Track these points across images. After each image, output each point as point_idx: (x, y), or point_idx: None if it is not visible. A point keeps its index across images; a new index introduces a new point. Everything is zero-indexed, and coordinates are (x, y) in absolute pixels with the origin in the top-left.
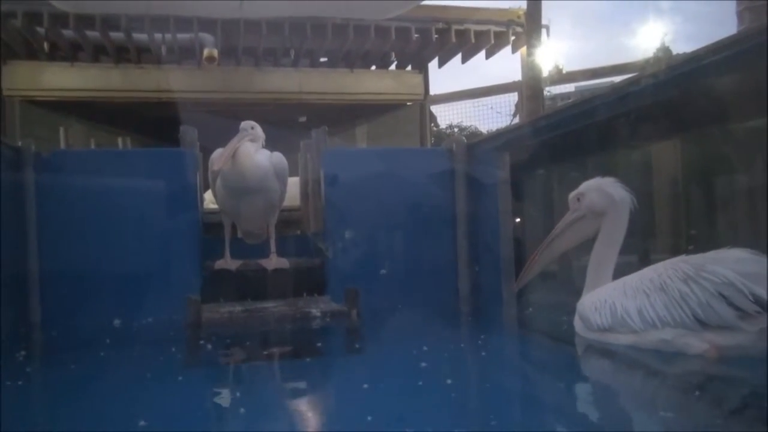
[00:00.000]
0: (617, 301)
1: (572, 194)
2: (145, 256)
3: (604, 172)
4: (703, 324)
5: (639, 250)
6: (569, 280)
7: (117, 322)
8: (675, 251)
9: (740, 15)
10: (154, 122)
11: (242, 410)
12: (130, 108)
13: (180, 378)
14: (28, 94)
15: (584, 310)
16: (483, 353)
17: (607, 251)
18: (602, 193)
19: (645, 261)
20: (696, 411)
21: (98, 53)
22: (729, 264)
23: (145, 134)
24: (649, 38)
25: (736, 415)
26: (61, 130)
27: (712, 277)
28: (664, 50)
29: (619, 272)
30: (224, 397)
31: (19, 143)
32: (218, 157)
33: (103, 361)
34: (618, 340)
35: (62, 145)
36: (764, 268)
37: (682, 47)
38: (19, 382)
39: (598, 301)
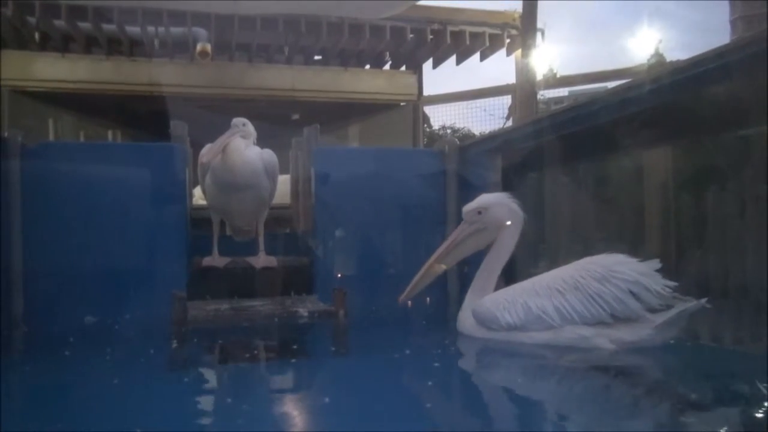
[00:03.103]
0: (530, 300)
1: (470, 207)
2: (132, 251)
3: (596, 177)
4: (615, 318)
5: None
6: None
7: (101, 317)
8: (664, 257)
9: (733, 24)
10: (145, 116)
11: (220, 411)
12: (121, 101)
13: (159, 377)
14: (18, 84)
15: (487, 311)
16: (465, 355)
17: (499, 260)
18: (507, 208)
19: None
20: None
21: (90, 45)
22: (630, 266)
23: (136, 128)
24: (643, 45)
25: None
26: (51, 121)
27: (623, 276)
28: (658, 57)
29: None
30: (204, 398)
31: (5, 133)
32: (207, 151)
33: (83, 356)
34: (532, 338)
35: (51, 136)
36: (651, 269)
37: (676, 54)
38: None
39: (505, 300)
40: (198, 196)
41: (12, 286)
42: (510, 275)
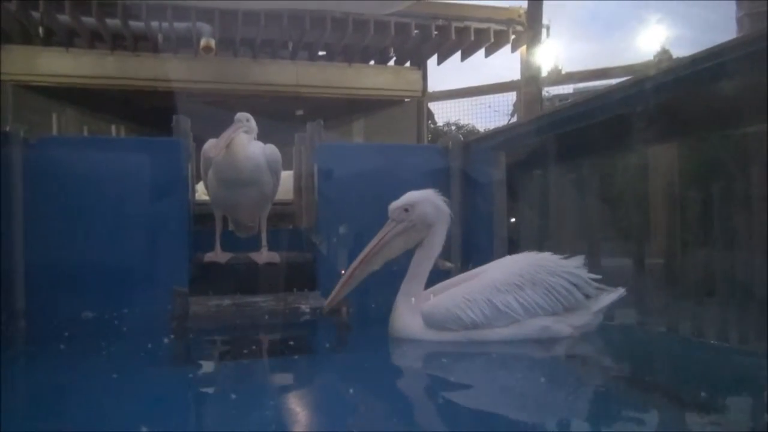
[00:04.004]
0: (493, 297)
1: (396, 205)
2: (134, 246)
3: (600, 174)
4: (564, 308)
5: (633, 254)
6: None
7: (103, 312)
8: (669, 254)
9: (740, 21)
10: (149, 111)
11: (217, 407)
12: (125, 96)
13: (158, 373)
14: (22, 78)
15: (446, 311)
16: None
17: (428, 259)
18: (435, 205)
19: (640, 264)
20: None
21: (94, 40)
22: (564, 261)
23: (140, 123)
24: (649, 41)
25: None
26: (54, 116)
27: (569, 270)
28: (665, 53)
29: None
30: (201, 394)
31: (8, 128)
32: (212, 146)
33: (85, 351)
34: (498, 334)
35: (55, 131)
36: (581, 264)
37: (682, 51)
38: None
39: (465, 299)
40: (201, 192)
41: (13, 280)
42: None
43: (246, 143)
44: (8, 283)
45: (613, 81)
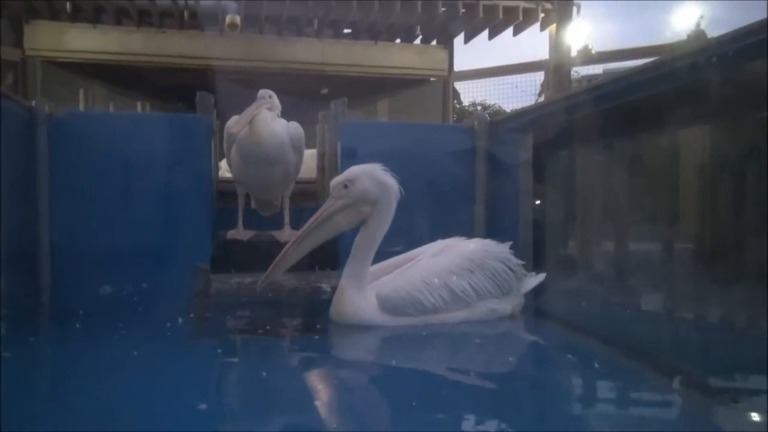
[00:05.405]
0: (450, 281)
1: (337, 180)
2: (157, 222)
3: (629, 156)
4: (503, 291)
5: (662, 238)
6: (588, 266)
7: (127, 289)
8: (699, 240)
9: None
10: (174, 88)
11: (235, 384)
12: (151, 73)
13: (178, 348)
14: (50, 54)
15: (407, 295)
16: (487, 335)
17: (374, 239)
18: (376, 180)
19: (669, 249)
20: None
21: (120, 16)
22: (501, 246)
23: (165, 100)
24: (683, 21)
25: None
26: (81, 92)
27: (507, 256)
28: (699, 33)
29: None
30: (221, 370)
31: (33, 103)
32: (235, 122)
33: (110, 327)
34: (454, 317)
35: (81, 107)
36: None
37: (718, 31)
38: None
39: (423, 284)
40: (224, 169)
41: (39, 255)
42: (541, 255)
43: (269, 120)
44: (34, 259)
45: (645, 62)
